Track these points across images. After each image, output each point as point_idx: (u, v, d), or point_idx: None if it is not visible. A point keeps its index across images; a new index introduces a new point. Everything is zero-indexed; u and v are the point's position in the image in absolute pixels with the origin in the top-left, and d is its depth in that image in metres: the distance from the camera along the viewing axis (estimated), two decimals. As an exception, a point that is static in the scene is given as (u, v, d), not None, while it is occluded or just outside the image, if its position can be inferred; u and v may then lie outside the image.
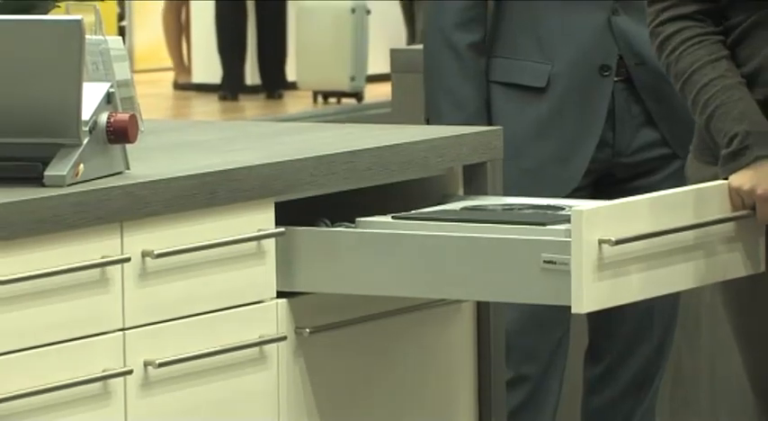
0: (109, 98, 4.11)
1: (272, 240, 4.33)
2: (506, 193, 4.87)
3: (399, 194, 4.51)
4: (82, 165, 4.02)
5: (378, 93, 12.34)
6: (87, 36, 4.10)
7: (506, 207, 4.54)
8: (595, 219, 4.18)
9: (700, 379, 5.40)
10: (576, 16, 5.54)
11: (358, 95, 13.33)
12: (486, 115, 5.47)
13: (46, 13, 4.41)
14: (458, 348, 4.72)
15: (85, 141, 4.03)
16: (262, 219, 4.32)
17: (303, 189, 4.41)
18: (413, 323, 4.60)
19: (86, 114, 4.03)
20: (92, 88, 4.06)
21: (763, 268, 4.63)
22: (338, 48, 13.00)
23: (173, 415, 4.22)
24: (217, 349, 4.24)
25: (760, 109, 4.58)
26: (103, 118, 4.06)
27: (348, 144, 4.65)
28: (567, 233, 4.15)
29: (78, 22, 4.04)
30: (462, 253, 4.24)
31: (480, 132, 4.87)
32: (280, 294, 4.35)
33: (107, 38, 4.49)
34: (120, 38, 4.49)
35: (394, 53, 7.03)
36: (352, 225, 4.39)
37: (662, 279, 4.41)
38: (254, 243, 4.30)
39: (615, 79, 5.51)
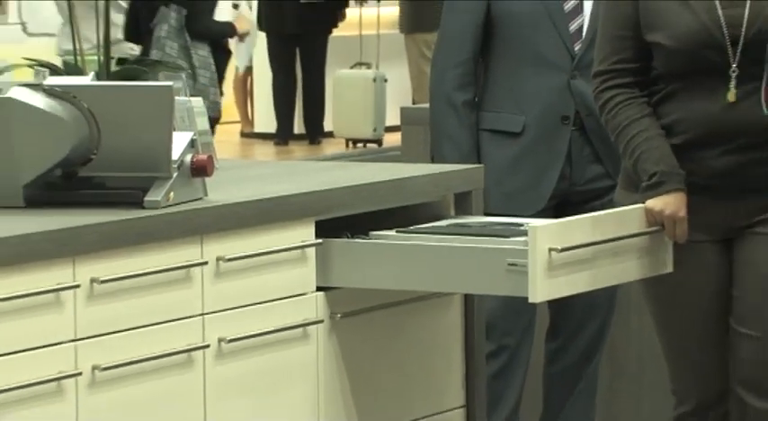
0: (192, 143, 4.09)
1: (313, 248, 4.30)
2: (488, 212, 4.88)
3: (405, 213, 4.49)
4: (172, 193, 4.00)
5: (392, 139, 12.35)
6: (177, 98, 4.10)
7: (483, 224, 4.57)
8: (546, 233, 4.24)
9: (629, 352, 5.36)
10: (543, 79, 5.48)
11: (378, 141, 13.34)
12: (477, 154, 5.41)
13: (150, 79, 4.38)
14: (450, 329, 4.68)
15: (174, 175, 4.01)
16: (305, 233, 4.29)
17: (336, 211, 4.38)
18: (417, 310, 4.56)
19: (175, 155, 4.02)
20: (180, 136, 4.05)
21: (670, 269, 4.62)
22: (364, 106, 13.05)
23: (246, 377, 4.18)
24: (275, 328, 4.21)
25: (676, 150, 4.57)
26: (188, 158, 4.05)
27: (370, 177, 4.63)
28: (526, 243, 4.18)
29: (170, 87, 4.06)
30: (449, 257, 4.29)
31: (467, 169, 4.87)
32: (318, 288, 4.33)
33: (191, 99, 4.48)
34: (201, 98, 4.48)
35: (403, 110, 7.06)
36: (367, 237, 4.40)
37: (596, 277, 4.44)
38: (299, 251, 4.27)
39: (572, 128, 5.46)
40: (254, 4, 15.36)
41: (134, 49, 10.74)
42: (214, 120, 10.60)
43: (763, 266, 4.66)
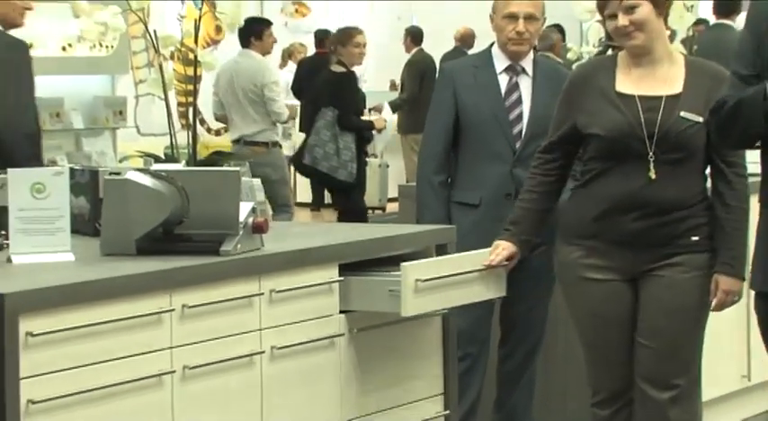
0: (253, 210, 4.06)
1: (337, 283, 4.25)
2: None
3: (402, 259, 4.36)
4: (239, 245, 3.98)
5: (392, 207, 12.28)
6: (243, 178, 4.10)
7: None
8: (414, 269, 4.22)
9: (558, 354, 5.32)
10: (494, 168, 5.36)
11: (383, 208, 13.28)
12: (449, 219, 5.31)
13: (223, 166, 4.40)
14: (433, 340, 4.62)
15: (241, 232, 3.98)
16: (332, 272, 4.25)
17: (353, 257, 4.33)
18: (410, 326, 4.50)
19: (241, 218, 3.99)
20: (245, 205, 4.03)
21: (503, 293, 4.71)
22: (373, 184, 12.97)
23: (298, 374, 4.14)
24: (313, 339, 4.16)
25: (602, 214, 4.55)
26: (250, 220, 4.02)
27: (376, 233, 4.62)
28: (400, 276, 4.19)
29: (237, 172, 4.07)
30: (364, 286, 4.29)
31: (443, 228, 4.85)
32: (341, 311, 4.28)
33: (252, 180, 4.43)
34: (260, 180, 4.45)
35: (400, 187, 7.00)
36: (361, 274, 4.37)
37: (450, 298, 4.41)
38: (327, 285, 4.22)
39: (513, 201, 5.15)
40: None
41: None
42: (350, 185, 10.98)
43: (660, 299, 4.59)
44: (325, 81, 11.15)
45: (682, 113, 4.53)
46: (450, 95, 5.45)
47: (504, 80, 5.43)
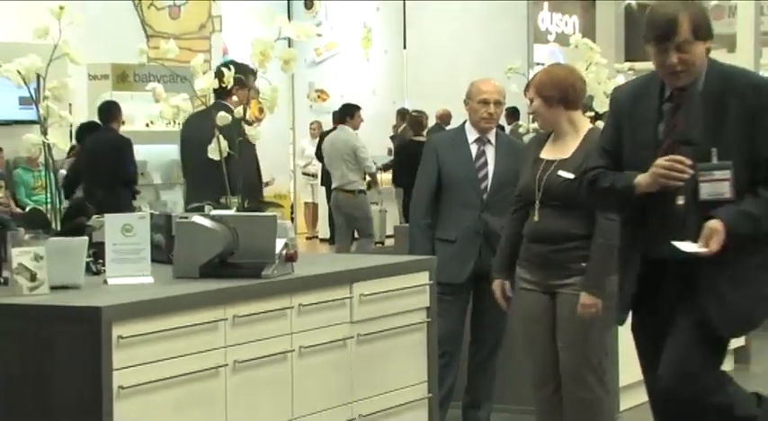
0: (285, 245, 4.00)
1: (349, 299, 4.21)
2: (438, 282, 4.73)
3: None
4: (275, 271, 3.94)
5: (390, 242, 12.32)
6: (279, 221, 4.04)
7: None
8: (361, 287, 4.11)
9: (514, 353, 5.28)
10: (467, 213, 5.33)
11: (383, 242, 13.32)
12: (433, 251, 5.24)
13: (264, 212, 4.40)
14: (421, 341, 4.60)
15: (277, 261, 3.95)
16: (347, 290, 4.21)
17: (362, 280, 4.28)
18: (404, 331, 4.47)
19: (277, 250, 3.96)
20: (280, 241, 3.99)
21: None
22: (376, 224, 12.98)
23: (318, 370, 4.08)
24: (328, 341, 4.10)
25: (524, 243, 4.61)
26: (284, 252, 3.99)
27: (379, 262, 4.60)
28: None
29: (274, 216, 4.03)
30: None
31: (429, 258, 4.80)
32: (352, 322, 4.24)
33: (286, 222, 4.29)
34: (290, 221, 4.42)
35: (395, 227, 7.07)
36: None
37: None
38: (341, 301, 4.18)
39: (481, 239, 5.29)
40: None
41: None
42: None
43: (562, 312, 4.54)
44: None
45: (559, 172, 4.50)
46: (434, 160, 5.42)
47: (474, 148, 5.41)
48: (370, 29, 17.29)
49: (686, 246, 3.37)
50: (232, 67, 4.42)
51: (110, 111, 9.08)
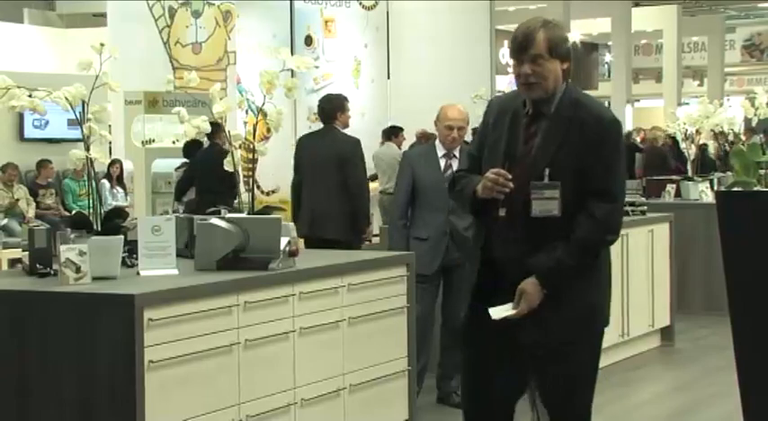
0: (289, 242, 3.96)
1: (341, 288, 4.12)
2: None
3: None
4: (280, 264, 3.91)
5: (376, 239, 12.33)
6: (283, 222, 4.00)
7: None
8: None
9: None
10: (437, 215, 5.33)
11: (370, 240, 13.27)
12: (408, 248, 5.22)
13: (270, 214, 4.28)
14: (401, 323, 4.52)
15: (281, 256, 3.92)
16: (337, 281, 4.15)
17: (352, 272, 4.23)
18: (390, 314, 4.42)
19: (282, 246, 3.92)
20: (284, 239, 3.94)
21: None
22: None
23: (318, 347, 4.02)
24: (325, 322, 4.05)
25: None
26: (287, 248, 3.95)
27: (365, 256, 4.57)
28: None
29: (279, 218, 3.99)
30: None
31: (407, 254, 4.76)
32: (345, 305, 4.24)
33: (289, 224, 4.23)
34: (293, 224, 4.38)
35: (382, 228, 6.99)
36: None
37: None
38: (334, 289, 4.12)
39: (448, 237, 5.27)
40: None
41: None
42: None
43: None
44: None
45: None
46: (410, 171, 5.44)
47: (442, 161, 5.40)
48: (360, 62, 17.29)
49: (496, 313, 2.99)
50: (335, 99, 5.68)
51: (215, 130, 9.12)
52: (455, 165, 5.39)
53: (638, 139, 18.20)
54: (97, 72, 3.73)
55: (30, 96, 3.70)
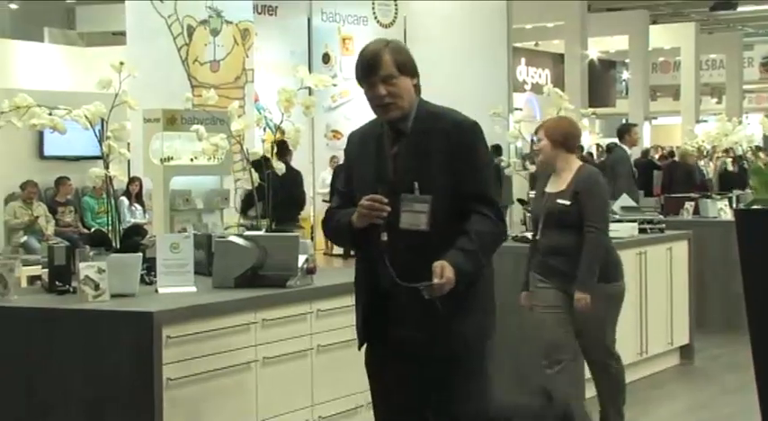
0: (307, 259, 3.93)
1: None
2: None
3: None
4: (298, 281, 3.91)
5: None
6: (301, 240, 4.03)
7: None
8: None
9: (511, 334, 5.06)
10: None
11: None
12: None
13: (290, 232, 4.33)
14: None
15: (299, 274, 3.92)
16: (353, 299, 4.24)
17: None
18: None
19: (299, 264, 3.92)
20: (302, 256, 3.95)
21: None
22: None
23: (335, 363, 4.03)
24: (342, 340, 3.99)
25: None
26: (305, 265, 3.94)
27: None
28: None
29: (297, 236, 4.03)
30: None
31: None
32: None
33: (308, 240, 4.30)
34: (311, 240, 4.41)
35: None
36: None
37: None
38: (351, 307, 4.19)
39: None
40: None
41: None
42: None
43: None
44: None
45: (557, 200, 4.55)
46: None
47: None
48: (377, 80, 17.31)
49: (427, 292, 2.84)
50: None
51: (282, 148, 9.16)
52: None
53: (656, 157, 18.10)
54: (116, 90, 3.75)
55: (50, 114, 3.72)
